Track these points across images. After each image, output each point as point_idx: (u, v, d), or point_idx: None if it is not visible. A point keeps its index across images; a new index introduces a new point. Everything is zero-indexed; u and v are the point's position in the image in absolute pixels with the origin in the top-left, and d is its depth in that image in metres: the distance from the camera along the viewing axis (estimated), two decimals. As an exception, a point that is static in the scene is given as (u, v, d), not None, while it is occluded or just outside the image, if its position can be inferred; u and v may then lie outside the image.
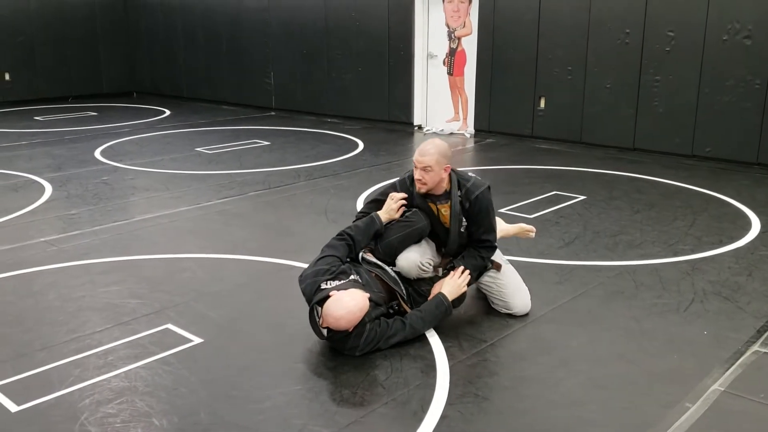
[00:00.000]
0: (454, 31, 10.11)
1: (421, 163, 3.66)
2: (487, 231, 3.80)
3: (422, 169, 3.67)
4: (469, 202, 3.72)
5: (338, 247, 3.64)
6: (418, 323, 3.53)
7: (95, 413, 2.91)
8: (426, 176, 3.67)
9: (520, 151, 8.88)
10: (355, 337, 3.33)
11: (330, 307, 3.25)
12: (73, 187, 6.86)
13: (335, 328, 3.29)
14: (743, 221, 5.74)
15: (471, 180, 3.78)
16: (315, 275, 3.46)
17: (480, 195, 3.72)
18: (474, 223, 3.77)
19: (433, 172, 3.66)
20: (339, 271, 3.49)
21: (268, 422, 2.86)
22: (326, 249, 3.65)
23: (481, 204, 3.73)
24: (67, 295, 4.19)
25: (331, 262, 3.53)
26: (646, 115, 8.39)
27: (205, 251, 4.99)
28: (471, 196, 3.71)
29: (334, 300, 3.26)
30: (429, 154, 3.64)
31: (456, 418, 2.90)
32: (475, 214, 3.74)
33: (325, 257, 3.57)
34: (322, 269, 3.48)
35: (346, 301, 3.24)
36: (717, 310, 3.99)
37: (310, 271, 3.51)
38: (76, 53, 13.78)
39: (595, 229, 5.50)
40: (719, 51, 7.75)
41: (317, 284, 3.41)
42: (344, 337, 3.34)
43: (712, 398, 3.05)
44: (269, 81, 12.30)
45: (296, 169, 7.74)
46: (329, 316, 3.25)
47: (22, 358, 3.40)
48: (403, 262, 3.76)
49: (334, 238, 3.71)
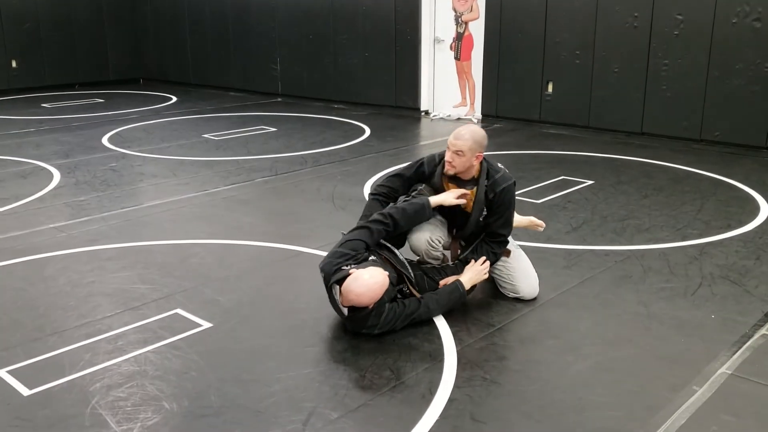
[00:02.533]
0: (461, 16, 10.06)
1: (454, 146, 3.67)
2: (503, 225, 3.84)
3: (454, 152, 3.67)
4: (494, 193, 3.74)
5: (372, 233, 3.60)
6: (432, 304, 3.58)
7: (106, 397, 2.94)
8: (456, 159, 3.68)
9: (528, 136, 8.85)
10: (374, 316, 3.37)
11: (351, 284, 3.28)
12: (81, 174, 6.89)
13: (356, 304, 3.32)
14: (752, 205, 5.72)
15: (500, 172, 3.80)
16: (337, 256, 3.46)
17: (506, 188, 3.75)
18: (494, 215, 3.80)
19: (464, 158, 3.67)
20: (362, 258, 3.51)
21: (278, 405, 2.88)
22: (358, 233, 3.60)
23: (505, 197, 3.76)
24: (77, 280, 4.22)
25: (355, 246, 3.53)
26: (654, 99, 8.34)
27: (213, 237, 5.01)
28: (497, 188, 3.74)
29: (353, 277, 3.30)
30: (463, 139, 3.65)
31: (464, 400, 2.92)
32: (497, 206, 3.77)
33: (351, 241, 3.55)
34: (345, 253, 3.48)
35: (365, 279, 3.28)
36: (725, 294, 3.98)
37: (333, 251, 3.53)
38: (83, 40, 13.77)
39: (603, 214, 5.49)
40: (728, 34, 7.69)
41: (338, 266, 3.42)
42: (364, 315, 3.37)
43: (720, 381, 3.05)
44: (276, 67, 12.27)
45: (303, 155, 7.74)
46: (350, 293, 3.28)
47: (33, 342, 3.43)
48: (414, 237, 3.84)
49: (374, 219, 3.64)
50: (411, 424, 2.74)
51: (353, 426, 2.74)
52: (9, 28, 12.85)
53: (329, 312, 3.73)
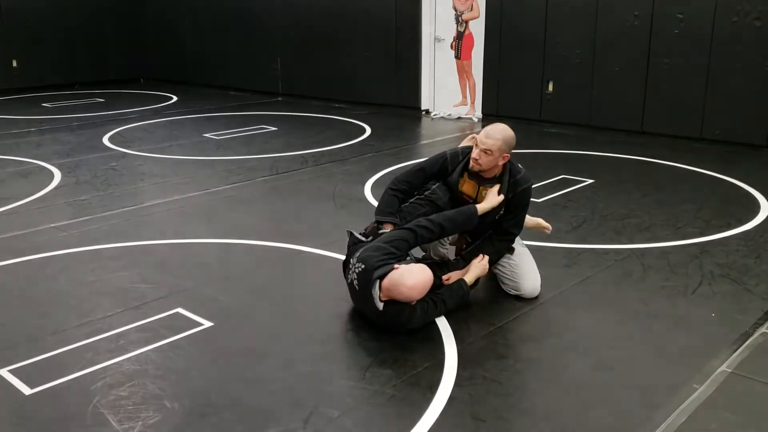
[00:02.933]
0: (462, 15, 10.06)
1: (483, 144, 3.67)
2: (515, 224, 3.88)
3: (482, 150, 3.67)
4: (514, 193, 3.78)
5: (417, 237, 3.59)
6: (448, 302, 3.62)
7: (107, 396, 2.95)
8: (483, 158, 3.69)
9: (528, 134, 8.84)
10: (410, 311, 3.40)
11: (404, 277, 3.32)
12: (82, 173, 6.90)
13: (406, 297, 3.34)
14: (752, 204, 5.72)
15: (521, 173, 3.83)
16: (382, 252, 3.45)
17: (526, 189, 3.81)
18: (509, 213, 3.83)
19: (491, 157, 3.68)
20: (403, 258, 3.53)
21: (279, 403, 2.89)
22: (403, 233, 3.59)
23: (522, 198, 3.81)
24: (78, 279, 4.23)
25: (400, 246, 3.53)
26: (654, 98, 8.34)
27: (214, 236, 5.01)
28: (518, 188, 3.78)
29: (404, 272, 3.34)
30: (494, 138, 3.65)
31: (464, 399, 2.92)
32: (514, 206, 3.81)
33: (397, 240, 3.53)
34: (391, 252, 3.47)
35: (417, 272, 3.35)
36: (725, 292, 3.99)
37: (379, 245, 3.50)
38: (83, 40, 13.77)
39: (603, 213, 5.49)
40: (729, 33, 7.69)
41: (384, 262, 3.42)
42: (399, 310, 3.39)
43: (720, 379, 3.06)
44: (276, 67, 12.28)
45: (303, 154, 7.75)
46: (402, 286, 3.30)
47: (35, 342, 3.44)
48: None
49: (421, 225, 3.61)
50: (412, 423, 2.75)
51: (354, 424, 2.75)
52: (10, 28, 12.85)
53: (330, 311, 3.74)
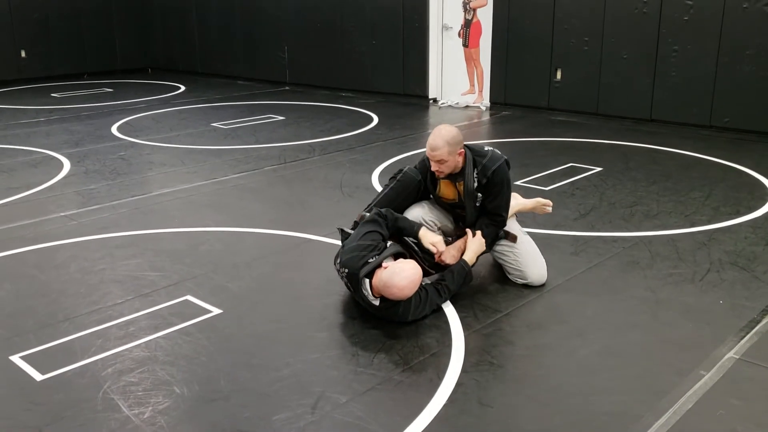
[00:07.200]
0: (469, 2, 10.01)
1: (434, 158, 3.70)
2: (499, 206, 3.83)
3: (437, 162, 3.71)
4: (486, 178, 3.75)
5: (380, 225, 3.64)
6: (451, 287, 3.63)
7: (117, 382, 2.98)
8: (442, 166, 3.74)
9: (536, 123, 8.83)
10: (405, 305, 3.39)
11: (394, 278, 3.30)
12: (90, 163, 6.93)
13: (398, 297, 3.34)
14: (761, 191, 5.69)
15: (487, 155, 3.79)
16: (360, 249, 3.48)
17: (497, 169, 3.74)
18: (489, 196, 3.80)
19: (448, 161, 3.71)
20: (382, 248, 3.53)
21: (287, 389, 2.91)
22: (369, 225, 3.62)
23: (497, 178, 3.76)
24: (88, 268, 4.26)
25: (375, 238, 3.55)
26: (663, 85, 8.30)
27: (222, 225, 5.03)
28: (488, 171, 3.74)
29: (394, 271, 3.32)
30: (439, 148, 3.66)
31: (471, 385, 2.94)
32: (492, 187, 3.77)
33: (371, 233, 3.57)
34: (368, 245, 3.49)
35: (407, 270, 3.32)
36: (733, 279, 3.98)
37: (353, 245, 3.52)
38: (91, 30, 13.80)
39: (611, 201, 5.48)
40: (739, 19, 7.63)
41: (364, 259, 3.44)
42: (395, 305, 3.38)
43: (727, 366, 3.06)
44: (283, 56, 12.27)
45: (311, 143, 7.75)
46: (393, 287, 3.29)
47: (45, 328, 3.47)
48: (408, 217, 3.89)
49: (372, 220, 3.65)
50: (419, 408, 2.77)
51: (361, 410, 2.77)
52: (18, 18, 12.88)
53: (337, 298, 3.76)
